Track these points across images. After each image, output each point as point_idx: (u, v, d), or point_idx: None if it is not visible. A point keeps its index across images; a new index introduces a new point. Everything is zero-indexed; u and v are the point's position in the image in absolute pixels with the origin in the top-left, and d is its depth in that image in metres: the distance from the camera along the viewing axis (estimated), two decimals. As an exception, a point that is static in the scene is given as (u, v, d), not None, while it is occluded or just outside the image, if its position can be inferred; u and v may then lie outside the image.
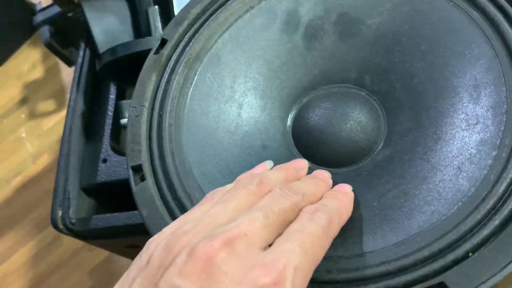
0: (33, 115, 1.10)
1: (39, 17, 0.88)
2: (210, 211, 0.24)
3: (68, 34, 0.92)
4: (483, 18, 0.30)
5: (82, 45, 0.56)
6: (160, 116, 0.33)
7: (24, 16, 1.09)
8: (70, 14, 0.83)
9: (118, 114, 0.49)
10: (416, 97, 0.32)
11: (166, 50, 0.35)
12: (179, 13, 0.36)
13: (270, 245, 0.22)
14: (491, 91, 0.28)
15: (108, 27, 0.45)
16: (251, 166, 0.32)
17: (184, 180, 0.30)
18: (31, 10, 1.08)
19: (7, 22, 1.12)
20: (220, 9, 0.36)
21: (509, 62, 0.28)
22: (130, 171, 0.32)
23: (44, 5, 0.90)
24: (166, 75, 0.34)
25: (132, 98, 0.34)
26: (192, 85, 0.34)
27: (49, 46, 0.87)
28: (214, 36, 0.35)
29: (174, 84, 0.34)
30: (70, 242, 0.92)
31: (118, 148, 0.52)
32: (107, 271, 0.90)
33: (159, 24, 0.44)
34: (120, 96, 0.54)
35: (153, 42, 0.43)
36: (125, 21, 0.46)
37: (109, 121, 0.52)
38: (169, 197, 0.30)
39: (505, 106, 0.27)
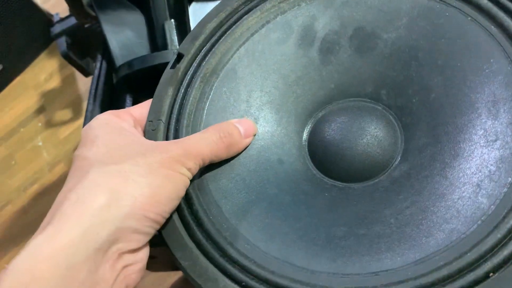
0: (50, 124, 1.12)
1: (56, 28, 0.89)
2: None
3: (84, 45, 0.93)
4: (502, 33, 0.29)
5: (99, 57, 0.56)
6: (177, 130, 0.33)
7: (42, 26, 1.11)
8: (87, 25, 0.84)
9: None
10: (434, 112, 0.31)
11: (182, 65, 0.35)
12: (195, 28, 0.36)
13: None
14: (511, 107, 0.28)
15: (125, 40, 0.46)
16: (267, 180, 0.33)
17: (200, 194, 0.31)
18: (49, 21, 1.10)
19: (25, 33, 1.14)
20: (236, 24, 0.36)
21: (529, 78, 0.28)
22: (147, 186, 0.32)
23: (61, 16, 0.92)
24: (182, 90, 0.35)
25: (149, 112, 0.34)
26: (209, 100, 0.34)
27: (66, 57, 0.88)
28: (230, 50, 0.35)
29: (191, 98, 0.34)
30: None
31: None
32: None
33: (175, 38, 0.44)
34: None
35: (169, 55, 0.44)
36: (142, 34, 0.46)
37: None
38: (185, 211, 0.30)
39: (525, 122, 0.27)
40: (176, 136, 0.33)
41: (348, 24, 0.35)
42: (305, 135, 0.35)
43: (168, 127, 0.34)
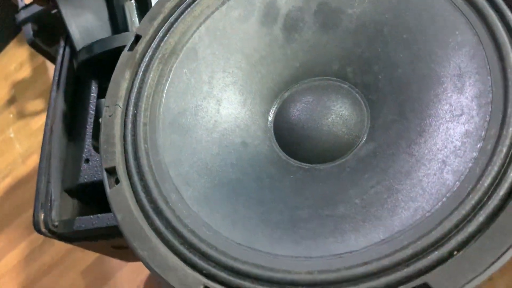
0: (21, 115, 1.09)
1: (21, 15, 0.86)
2: None
3: (53, 31, 0.90)
4: (466, 4, 0.29)
5: (61, 42, 0.54)
6: (135, 115, 0.32)
7: (9, 14, 1.07)
8: (54, 11, 0.81)
9: (98, 113, 0.47)
10: (400, 88, 0.30)
11: (140, 46, 0.34)
12: (153, 8, 0.35)
13: None
14: (476, 80, 0.27)
15: (85, 24, 0.44)
16: (231, 164, 0.31)
17: (160, 181, 0.29)
18: (15, 8, 1.07)
19: (-8, 21, 1.10)
20: (196, 2, 0.34)
21: (493, 49, 0.27)
22: (104, 174, 0.30)
23: (26, 2, 0.88)
24: (140, 72, 0.33)
25: (106, 98, 0.33)
26: (168, 82, 0.33)
27: (32, 44, 0.85)
28: (190, 29, 0.34)
29: (149, 81, 0.32)
30: (61, 243, 0.91)
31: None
32: (100, 270, 0.89)
33: (136, 19, 0.43)
34: (102, 94, 0.53)
35: (130, 37, 0.42)
36: (102, 17, 0.44)
37: (91, 120, 0.51)
38: (144, 200, 0.29)
39: (490, 95, 0.26)
40: (134, 121, 0.32)
41: (312, 0, 0.34)
42: (270, 116, 0.34)
43: (126, 112, 0.32)
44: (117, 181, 0.30)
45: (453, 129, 0.27)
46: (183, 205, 0.29)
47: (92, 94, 0.52)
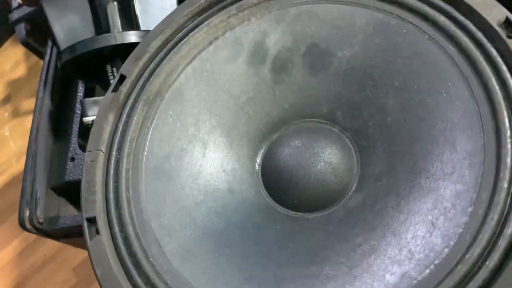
0: (16, 114, 1.09)
1: (14, 15, 0.85)
2: None
3: (46, 32, 0.89)
4: (460, 54, 0.27)
5: (49, 42, 0.55)
6: (117, 160, 0.31)
7: (4, 14, 1.06)
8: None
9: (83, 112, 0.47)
10: (390, 137, 0.29)
11: (124, 87, 0.33)
12: (138, 47, 0.34)
13: None
14: (468, 136, 0.26)
15: (69, 24, 0.44)
16: (215, 213, 0.30)
17: (141, 233, 0.28)
18: (10, 7, 1.06)
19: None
20: (183, 41, 0.33)
21: (487, 105, 0.26)
22: (85, 223, 0.29)
23: (20, 1, 0.87)
24: (124, 115, 0.32)
25: (88, 142, 0.32)
26: (152, 125, 0.32)
27: (25, 44, 0.84)
28: (176, 70, 0.33)
29: (133, 124, 0.32)
30: (53, 241, 0.91)
31: (86, 146, 0.51)
32: (91, 267, 0.89)
33: (118, 20, 0.42)
34: (89, 93, 0.53)
35: (111, 39, 0.42)
36: (86, 18, 0.44)
37: (77, 119, 0.51)
38: (124, 253, 0.28)
39: (482, 155, 0.25)
40: (116, 167, 0.31)
41: (301, 41, 0.33)
42: (258, 159, 0.33)
43: (108, 157, 0.31)
44: (98, 231, 0.29)
45: (443, 188, 0.26)
46: (163, 259, 0.28)
47: (78, 94, 0.52)
